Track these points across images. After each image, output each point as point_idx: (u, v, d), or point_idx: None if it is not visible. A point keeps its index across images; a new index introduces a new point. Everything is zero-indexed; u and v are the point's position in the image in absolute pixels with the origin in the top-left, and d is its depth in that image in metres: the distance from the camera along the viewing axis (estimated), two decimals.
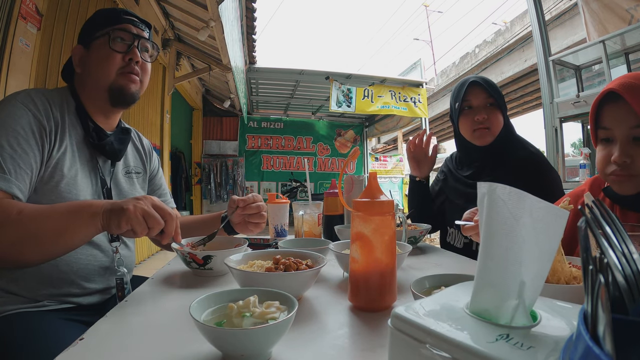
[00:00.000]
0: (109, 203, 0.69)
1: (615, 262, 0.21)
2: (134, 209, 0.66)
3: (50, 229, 0.68)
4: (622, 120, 0.76)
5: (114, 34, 0.89)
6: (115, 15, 0.92)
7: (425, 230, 1.12)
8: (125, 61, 0.91)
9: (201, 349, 0.46)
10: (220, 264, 0.78)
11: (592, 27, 2.97)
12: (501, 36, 7.50)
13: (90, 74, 0.90)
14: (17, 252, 0.68)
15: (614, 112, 0.77)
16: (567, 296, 0.51)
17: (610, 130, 0.78)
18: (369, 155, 8.26)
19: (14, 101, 0.78)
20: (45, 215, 0.69)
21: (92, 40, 0.90)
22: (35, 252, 0.69)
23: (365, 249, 0.60)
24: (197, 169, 7.37)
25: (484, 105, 1.18)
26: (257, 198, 0.99)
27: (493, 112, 1.18)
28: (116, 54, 0.89)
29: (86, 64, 0.91)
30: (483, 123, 1.17)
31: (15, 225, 0.66)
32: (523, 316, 0.30)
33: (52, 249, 0.70)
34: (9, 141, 0.73)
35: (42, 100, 0.82)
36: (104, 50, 0.89)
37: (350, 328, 0.55)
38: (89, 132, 0.89)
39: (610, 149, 0.79)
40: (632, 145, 0.76)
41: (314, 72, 5.74)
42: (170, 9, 3.70)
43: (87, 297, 0.86)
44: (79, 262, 0.83)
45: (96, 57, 0.89)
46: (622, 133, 0.76)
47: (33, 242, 0.68)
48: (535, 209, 0.31)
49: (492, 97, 1.17)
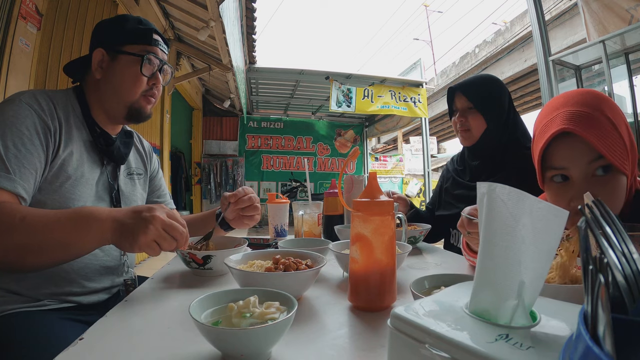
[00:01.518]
0: (118, 223, 0.65)
1: (615, 262, 0.21)
2: (145, 238, 0.62)
3: (55, 240, 0.66)
4: (579, 157, 0.67)
5: (147, 57, 0.90)
6: (146, 34, 0.91)
7: (425, 230, 1.12)
8: (149, 85, 0.93)
9: (201, 349, 0.46)
10: (220, 264, 0.78)
11: (592, 27, 2.97)
12: (501, 36, 7.51)
13: (112, 86, 0.90)
14: (19, 259, 0.66)
15: (567, 149, 0.68)
16: (567, 296, 0.51)
17: (565, 170, 0.69)
18: (369, 155, 8.27)
19: (19, 101, 0.78)
20: (49, 225, 0.66)
21: (121, 52, 0.89)
22: (37, 260, 0.68)
23: (365, 249, 0.60)
24: (197, 169, 7.38)
25: (465, 109, 1.26)
26: (248, 190, 0.98)
27: (472, 115, 1.25)
28: (144, 78, 0.91)
29: (108, 74, 0.90)
30: (463, 125, 1.26)
31: (19, 232, 0.64)
32: (523, 316, 0.30)
33: (55, 259, 0.69)
34: (13, 141, 0.73)
35: (47, 100, 0.82)
36: (133, 70, 0.89)
37: (350, 328, 0.55)
38: (96, 137, 0.89)
39: (565, 190, 0.70)
40: (593, 184, 0.67)
41: (314, 72, 5.74)
42: (170, 9, 3.70)
43: (88, 297, 0.86)
44: (80, 261, 0.83)
45: (122, 73, 0.89)
46: (580, 172, 0.67)
47: (36, 251, 0.66)
48: (535, 209, 0.31)
49: (470, 102, 1.24)
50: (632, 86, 2.93)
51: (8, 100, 0.79)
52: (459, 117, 1.27)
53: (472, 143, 1.27)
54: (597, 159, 0.66)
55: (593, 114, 0.66)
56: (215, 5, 2.83)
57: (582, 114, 0.66)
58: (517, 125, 1.25)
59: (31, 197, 0.75)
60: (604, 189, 0.67)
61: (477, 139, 1.25)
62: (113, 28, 0.92)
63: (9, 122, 0.75)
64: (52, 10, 2.19)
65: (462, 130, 1.27)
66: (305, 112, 7.99)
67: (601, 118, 0.66)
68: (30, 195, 0.75)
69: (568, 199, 0.69)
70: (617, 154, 0.65)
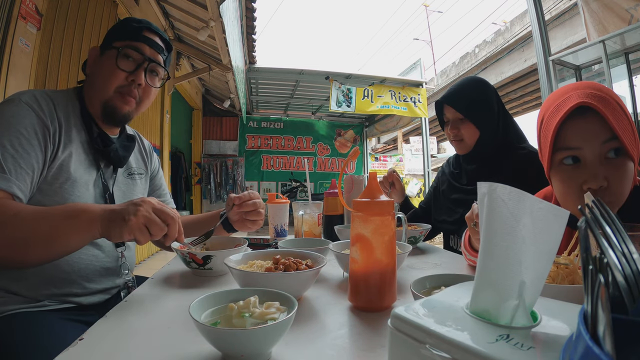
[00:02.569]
0: (108, 211, 0.66)
1: (615, 262, 0.21)
2: (135, 219, 0.63)
3: (44, 232, 0.66)
4: (593, 136, 0.66)
5: (124, 51, 0.87)
6: (136, 30, 0.90)
7: (425, 230, 1.12)
8: (128, 81, 0.88)
9: (201, 349, 0.46)
10: (220, 264, 0.78)
11: (591, 27, 2.97)
12: (501, 36, 7.50)
13: (93, 82, 0.90)
14: (12, 253, 0.66)
15: (583, 127, 0.67)
16: (567, 296, 0.51)
17: (578, 150, 0.68)
18: (369, 155, 8.26)
19: (18, 101, 0.78)
20: (40, 218, 0.67)
21: (107, 48, 0.89)
22: (29, 255, 0.67)
23: (365, 249, 0.60)
24: (197, 169, 7.37)
25: (456, 120, 1.26)
26: (254, 195, 0.98)
27: (464, 125, 1.24)
28: (120, 71, 0.87)
29: (94, 69, 0.90)
30: (456, 137, 1.26)
31: (10, 226, 0.65)
32: (523, 316, 0.30)
33: (46, 252, 0.68)
34: (11, 141, 0.73)
35: (47, 100, 0.82)
36: (109, 63, 0.87)
37: (350, 328, 0.55)
38: (93, 137, 0.88)
39: (577, 172, 0.68)
40: (605, 166, 0.66)
41: (314, 72, 5.74)
42: (170, 9, 3.70)
43: (88, 297, 0.86)
44: (80, 262, 0.83)
45: (101, 68, 0.88)
46: (593, 152, 0.66)
47: (26, 244, 0.66)
48: (535, 209, 0.31)
49: (462, 112, 1.23)
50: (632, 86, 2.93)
51: (8, 100, 0.79)
52: (451, 129, 1.27)
53: (467, 151, 1.27)
54: (610, 140, 0.65)
55: (605, 96, 0.67)
56: (215, 5, 2.82)
57: (597, 94, 0.66)
58: (508, 126, 1.25)
59: (28, 197, 0.75)
60: (616, 171, 0.66)
61: (471, 147, 1.25)
62: (111, 29, 0.92)
63: (7, 122, 0.74)
64: (52, 10, 2.19)
65: (456, 140, 1.27)
66: (305, 112, 7.99)
67: (612, 102, 0.67)
68: (26, 195, 0.75)
69: (580, 181, 0.67)
70: (628, 137, 0.65)
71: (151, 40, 0.91)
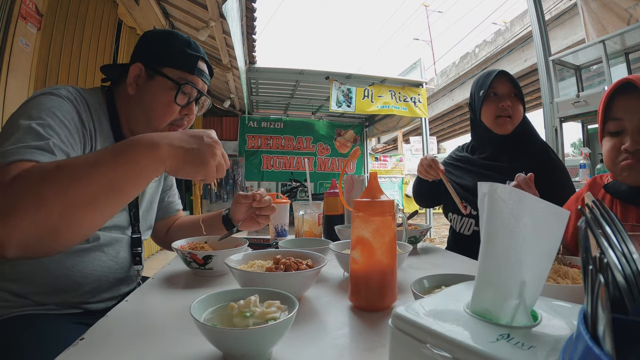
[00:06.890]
0: (179, 148, 0.61)
1: (615, 262, 0.21)
2: (213, 163, 0.63)
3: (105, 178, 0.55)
4: (634, 111, 0.80)
5: (184, 88, 0.85)
6: (191, 60, 0.86)
7: (425, 230, 1.12)
8: (181, 115, 0.88)
9: (202, 349, 0.46)
10: (221, 264, 0.78)
11: (591, 27, 2.97)
12: (501, 36, 7.51)
13: (142, 106, 0.85)
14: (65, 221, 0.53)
15: (627, 103, 0.81)
16: (567, 296, 0.51)
17: (621, 121, 0.82)
18: (369, 155, 8.26)
19: (57, 94, 0.73)
20: (90, 162, 0.56)
21: (159, 74, 0.84)
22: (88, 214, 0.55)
23: (366, 249, 0.60)
24: None
25: (509, 95, 1.24)
26: (264, 192, 1.04)
27: (516, 102, 1.23)
28: (177, 106, 0.85)
29: (142, 93, 0.85)
30: (506, 110, 1.21)
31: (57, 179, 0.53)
32: (524, 316, 0.30)
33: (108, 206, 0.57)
34: (58, 134, 0.67)
35: (81, 99, 0.79)
36: (166, 97, 0.84)
37: (350, 328, 0.55)
38: None
39: (620, 139, 0.82)
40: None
41: (314, 72, 5.73)
42: (170, 9, 3.70)
43: (97, 304, 0.86)
44: (94, 274, 0.83)
45: (155, 96, 0.84)
46: (633, 123, 0.80)
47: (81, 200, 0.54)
48: (535, 209, 0.31)
49: (516, 89, 1.24)
50: None
51: (43, 93, 0.73)
52: (506, 101, 1.21)
53: (510, 131, 1.23)
54: None
55: None
56: (215, 5, 2.82)
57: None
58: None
59: None
60: None
61: (515, 126, 1.23)
62: (158, 45, 0.87)
63: (51, 113, 0.69)
64: (52, 10, 2.19)
65: (504, 116, 1.21)
66: (305, 112, 7.98)
67: None
68: None
69: (620, 145, 0.82)
70: None
71: (205, 73, 0.90)
